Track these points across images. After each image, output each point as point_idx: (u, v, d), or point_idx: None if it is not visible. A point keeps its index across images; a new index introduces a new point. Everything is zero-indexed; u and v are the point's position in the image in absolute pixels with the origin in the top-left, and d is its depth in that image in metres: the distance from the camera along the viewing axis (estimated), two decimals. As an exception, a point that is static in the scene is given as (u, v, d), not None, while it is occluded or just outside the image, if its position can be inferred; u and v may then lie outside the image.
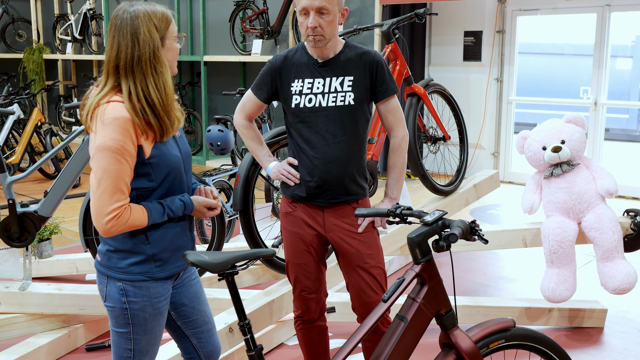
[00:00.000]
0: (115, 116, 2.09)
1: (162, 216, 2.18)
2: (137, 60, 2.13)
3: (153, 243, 2.20)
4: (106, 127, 2.08)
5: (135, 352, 2.24)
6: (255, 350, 2.13)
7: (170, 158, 2.21)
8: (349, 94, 2.71)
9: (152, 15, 2.16)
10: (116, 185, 2.08)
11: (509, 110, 8.65)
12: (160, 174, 2.19)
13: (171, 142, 2.26)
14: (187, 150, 2.36)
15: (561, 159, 3.97)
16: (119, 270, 2.20)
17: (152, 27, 2.15)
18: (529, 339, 2.33)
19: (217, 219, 3.83)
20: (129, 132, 2.09)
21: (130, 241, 2.19)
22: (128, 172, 2.11)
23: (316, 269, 2.88)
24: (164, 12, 2.21)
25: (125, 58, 2.13)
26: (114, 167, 2.07)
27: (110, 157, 2.07)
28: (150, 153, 2.15)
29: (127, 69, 2.14)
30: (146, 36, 2.13)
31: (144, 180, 2.18)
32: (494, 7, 8.46)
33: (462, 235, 2.04)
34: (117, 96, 2.14)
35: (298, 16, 2.68)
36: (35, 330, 3.78)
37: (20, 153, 7.87)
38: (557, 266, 3.91)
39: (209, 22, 9.98)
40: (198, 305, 2.42)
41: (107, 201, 2.08)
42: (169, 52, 2.22)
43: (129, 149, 2.09)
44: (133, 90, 2.13)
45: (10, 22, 12.21)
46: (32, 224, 3.72)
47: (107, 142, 2.07)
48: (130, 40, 2.13)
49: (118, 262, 2.20)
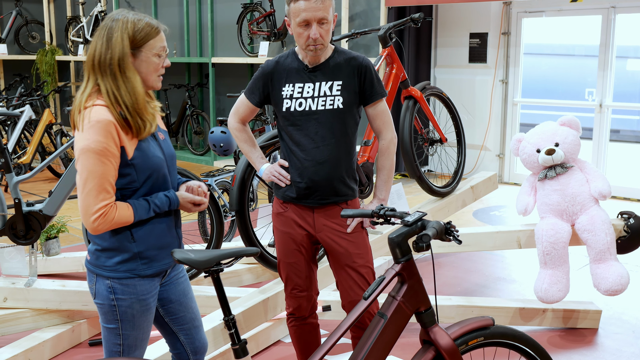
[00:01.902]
0: (98, 119, 2.18)
1: (148, 212, 2.26)
2: (109, 62, 2.23)
3: (138, 241, 2.29)
4: (89, 130, 2.17)
5: (124, 347, 2.33)
6: (239, 344, 2.22)
7: (152, 159, 2.29)
8: (338, 97, 2.79)
9: (132, 24, 2.25)
10: (101, 185, 2.17)
11: (514, 111, 8.69)
12: (143, 174, 2.27)
13: (153, 144, 2.34)
14: (170, 152, 2.44)
15: (555, 162, 4.03)
16: (107, 269, 2.29)
17: (126, 35, 2.24)
18: (508, 337, 2.40)
19: (215, 219, 3.92)
20: (112, 134, 2.18)
21: (117, 240, 2.28)
22: (112, 172, 2.20)
23: (307, 268, 2.97)
24: (149, 25, 2.28)
25: (99, 57, 2.25)
26: (98, 168, 2.17)
27: (94, 158, 2.16)
28: (133, 154, 2.24)
29: (101, 68, 2.25)
30: (117, 41, 2.23)
31: (127, 180, 2.27)
32: (500, 9, 8.50)
33: (435, 236, 2.11)
34: (100, 99, 2.24)
35: (295, 27, 2.72)
36: (40, 325, 3.89)
37: (31, 153, 8.03)
38: (550, 267, 3.97)
39: (217, 24, 10.10)
40: (186, 302, 2.50)
41: (93, 201, 2.17)
42: (144, 64, 2.29)
43: (112, 150, 2.19)
44: (109, 88, 2.23)
45: (23, 24, 12.40)
46: (38, 223, 3.84)
47: (90, 145, 2.17)
48: (105, 42, 2.24)
49: (106, 260, 2.29)
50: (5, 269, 3.97)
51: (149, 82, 2.34)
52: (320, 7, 2.65)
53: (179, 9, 10.71)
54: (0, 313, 3.81)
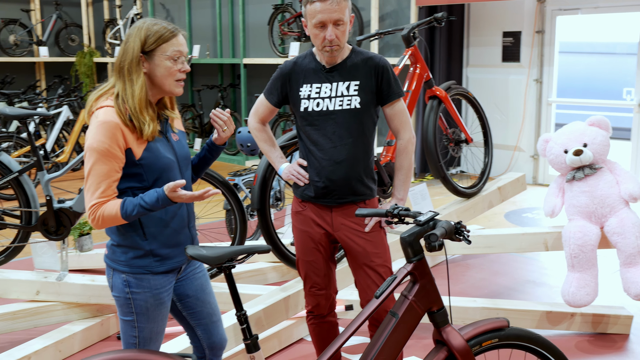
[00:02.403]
0: (104, 120, 2.24)
1: (136, 207, 2.25)
2: (122, 65, 2.31)
3: (150, 239, 2.34)
4: (95, 130, 2.24)
5: (140, 339, 2.39)
6: (251, 339, 2.26)
7: (162, 160, 2.34)
8: (355, 97, 2.80)
9: (147, 29, 2.30)
10: (98, 183, 2.24)
11: (549, 111, 8.57)
12: (152, 174, 2.32)
13: (165, 145, 2.38)
14: (184, 152, 2.47)
15: (583, 162, 3.96)
16: (122, 263, 2.36)
17: (138, 40, 2.29)
18: (523, 339, 2.38)
19: (239, 217, 3.97)
20: (116, 136, 2.23)
21: (129, 237, 2.34)
22: (112, 172, 2.25)
23: (325, 267, 2.99)
24: (164, 29, 2.31)
25: (118, 61, 2.34)
26: (98, 167, 2.23)
27: (96, 157, 2.23)
28: (141, 155, 2.29)
29: (119, 71, 2.33)
30: (130, 47, 2.30)
31: (136, 180, 2.32)
32: (533, 7, 8.39)
33: (444, 236, 2.11)
34: (109, 100, 2.31)
35: (312, 28, 2.74)
36: (70, 318, 3.99)
37: (68, 152, 8.22)
38: (578, 270, 3.90)
39: (249, 25, 10.19)
40: (203, 297, 2.55)
41: (89, 198, 2.26)
42: (157, 68, 2.32)
43: (114, 151, 2.24)
44: (120, 90, 2.30)
45: (63, 27, 12.70)
46: (68, 219, 3.95)
47: (93, 144, 2.23)
48: (123, 46, 2.33)
49: (121, 255, 2.36)
50: (38, 264, 4.08)
51: (165, 87, 2.36)
52: (336, 8, 2.67)
53: (212, 11, 10.84)
54: (33, 306, 3.92)
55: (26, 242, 3.98)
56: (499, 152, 8.81)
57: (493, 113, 8.87)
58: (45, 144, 7.91)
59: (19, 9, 12.33)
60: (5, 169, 3.84)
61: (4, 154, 3.88)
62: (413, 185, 4.38)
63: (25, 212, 3.91)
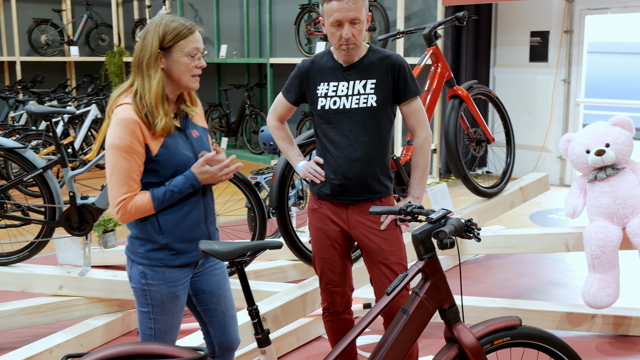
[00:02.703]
0: (123, 117, 2.30)
1: (166, 193, 2.33)
2: (141, 62, 2.36)
3: (166, 233, 2.38)
4: (115, 127, 2.30)
5: (156, 331, 2.44)
6: (262, 334, 2.29)
7: (178, 157, 2.38)
8: (372, 96, 2.81)
9: (165, 26, 2.34)
10: (123, 179, 2.29)
11: (577, 112, 8.46)
12: (168, 170, 2.36)
13: (183, 142, 2.42)
14: (203, 149, 2.49)
15: (605, 163, 3.92)
16: (139, 255, 2.41)
17: (156, 36, 2.33)
18: (536, 338, 2.37)
19: (259, 215, 4.00)
20: (135, 132, 2.29)
21: (146, 230, 2.39)
22: (135, 167, 2.30)
23: (341, 264, 3.00)
24: (182, 26, 2.35)
25: (136, 58, 2.38)
26: (121, 163, 2.29)
27: (117, 154, 2.29)
28: (158, 151, 2.34)
29: (137, 67, 2.37)
30: (148, 43, 2.34)
31: (153, 175, 2.37)
32: (562, 7, 8.30)
33: (453, 233, 2.11)
34: (127, 98, 2.36)
35: (328, 27, 2.76)
36: (92, 313, 4.06)
37: (96, 150, 8.36)
38: (599, 271, 3.86)
39: (276, 25, 10.24)
40: (218, 295, 2.57)
41: (116, 193, 2.30)
42: (175, 64, 2.36)
43: (135, 147, 2.29)
44: (139, 87, 2.35)
45: (94, 27, 12.90)
46: (91, 215, 4.01)
47: (115, 141, 2.29)
48: (141, 43, 2.37)
49: (138, 247, 2.42)
50: (61, 259, 4.16)
51: (183, 83, 2.40)
52: (352, 7, 2.68)
53: (239, 11, 10.92)
54: (56, 300, 3.99)
55: (50, 238, 4.05)
56: (525, 153, 8.72)
57: (520, 113, 8.79)
58: (73, 142, 8.05)
59: (50, 9, 12.56)
60: (30, 166, 3.92)
61: (29, 151, 3.96)
62: (434, 185, 4.37)
63: (49, 208, 3.99)
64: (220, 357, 2.64)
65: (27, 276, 4.00)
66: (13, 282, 3.99)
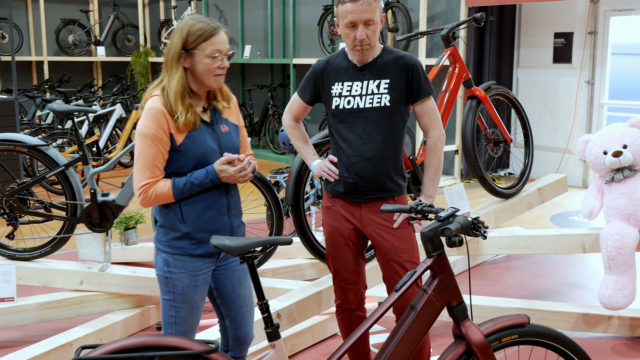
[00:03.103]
0: (150, 107, 2.44)
1: (186, 184, 2.44)
2: (167, 60, 2.50)
3: (188, 223, 2.49)
4: (143, 116, 2.44)
5: (177, 319, 2.53)
6: (271, 328, 2.33)
7: (202, 148, 2.47)
8: (385, 95, 2.84)
9: (189, 27, 2.45)
10: (146, 165, 2.42)
11: (600, 114, 8.39)
12: (191, 161, 2.47)
13: (209, 135, 2.52)
14: (230, 144, 2.58)
15: (622, 164, 3.90)
16: (163, 243, 2.53)
17: (180, 38, 2.46)
18: (544, 336, 2.38)
19: (275, 213, 4.05)
20: (161, 122, 2.42)
21: (169, 219, 2.51)
22: (159, 155, 2.43)
23: (354, 262, 3.04)
24: (204, 28, 2.45)
25: (165, 56, 2.53)
26: (146, 150, 2.42)
27: (143, 141, 2.43)
28: (182, 141, 2.45)
29: (164, 65, 2.52)
30: (172, 44, 2.47)
31: (176, 164, 2.48)
32: (586, 8, 8.23)
33: (459, 230, 2.13)
34: (157, 91, 2.50)
35: (343, 28, 2.81)
36: (112, 308, 4.14)
37: (120, 149, 8.48)
38: (615, 273, 3.85)
39: (299, 26, 10.31)
40: (238, 290, 2.65)
41: (139, 178, 2.44)
42: (197, 65, 2.47)
43: (160, 135, 2.42)
44: (165, 84, 2.49)
45: (120, 27, 13.10)
46: (111, 212, 4.10)
47: (142, 129, 2.43)
48: (169, 43, 2.49)
49: (163, 236, 2.53)
50: (82, 255, 4.24)
51: (205, 82, 2.51)
52: (366, 9, 2.72)
53: (264, 12, 11.00)
54: (77, 295, 4.08)
55: (71, 234, 4.14)
56: (548, 155, 8.67)
57: (543, 115, 8.74)
58: (98, 141, 8.18)
59: (78, 9, 12.78)
60: (52, 163, 4.02)
61: (52, 148, 4.05)
62: (451, 185, 4.38)
63: (70, 204, 4.08)
64: (233, 350, 2.70)
65: (49, 271, 4.09)
66: (35, 277, 4.08)
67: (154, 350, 2.15)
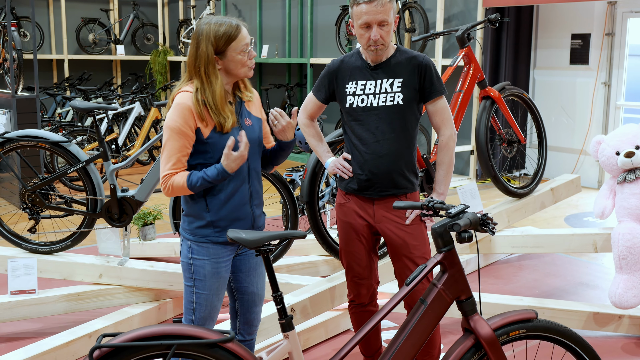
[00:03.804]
0: (179, 102, 2.55)
1: (199, 179, 2.53)
2: (198, 68, 2.58)
3: (212, 211, 2.61)
4: (172, 110, 2.55)
5: (197, 305, 2.64)
6: (285, 319, 2.40)
7: (227, 139, 2.55)
8: (398, 94, 2.91)
9: (214, 33, 2.54)
10: (170, 157, 2.55)
11: (617, 115, 8.37)
12: (218, 153, 2.57)
13: (235, 129, 2.62)
14: (253, 137, 2.68)
15: (634, 165, 3.93)
16: (188, 231, 2.65)
17: (210, 45, 2.55)
18: (551, 331, 2.42)
19: (290, 210, 4.12)
20: (187, 118, 2.53)
21: (195, 208, 2.63)
22: (183, 148, 2.54)
23: (367, 257, 3.10)
24: (230, 28, 2.55)
25: (193, 64, 2.60)
26: (171, 142, 2.55)
27: (169, 134, 2.55)
28: (209, 135, 2.56)
29: (194, 71, 2.60)
30: (203, 52, 2.56)
31: (203, 156, 2.59)
32: (604, 9, 8.22)
33: (468, 226, 2.19)
34: (189, 86, 2.59)
35: (357, 29, 2.89)
36: (130, 302, 4.24)
37: (138, 146, 8.59)
38: (626, 272, 3.88)
39: (317, 25, 10.38)
40: (252, 277, 2.77)
41: (163, 168, 2.57)
42: (231, 63, 2.59)
43: (185, 130, 2.53)
44: (198, 86, 2.57)
45: (140, 26, 13.26)
46: (130, 207, 4.19)
47: (169, 123, 2.55)
48: (194, 50, 2.59)
49: (188, 224, 2.65)
50: (102, 249, 4.34)
51: (240, 75, 2.63)
52: (380, 10, 2.78)
53: (282, 12, 11.09)
54: (96, 288, 4.18)
55: (91, 228, 4.24)
56: (565, 156, 8.67)
57: (560, 116, 8.74)
58: (117, 139, 8.31)
59: (98, 8, 12.96)
60: (74, 159, 4.12)
61: (74, 145, 4.16)
62: (464, 184, 4.43)
63: (91, 199, 4.18)
64: (241, 332, 2.82)
65: (70, 265, 4.19)
66: (56, 270, 4.19)
67: (172, 339, 2.22)
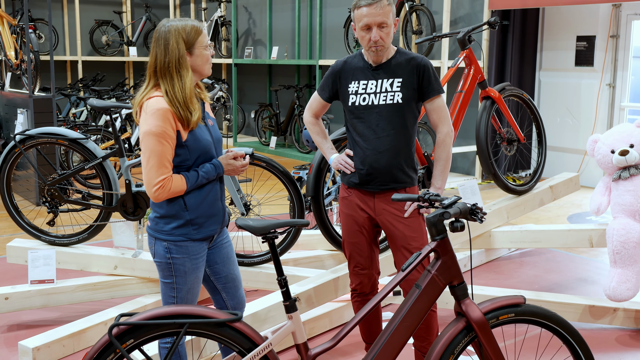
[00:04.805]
0: (158, 107, 2.61)
1: (197, 179, 2.69)
2: (167, 66, 2.66)
3: (190, 210, 2.72)
4: (151, 117, 2.60)
5: (178, 299, 2.79)
6: (289, 301, 2.57)
7: (203, 142, 2.73)
8: (398, 93, 3.08)
9: (182, 29, 2.68)
10: (160, 162, 2.61)
11: (621, 116, 8.49)
12: (194, 154, 2.71)
13: (204, 130, 2.77)
14: (217, 136, 2.87)
15: (629, 163, 4.07)
16: (164, 233, 2.74)
17: (181, 40, 2.67)
18: (538, 315, 2.58)
19: (297, 205, 4.29)
20: (169, 120, 2.61)
21: (173, 208, 2.72)
22: (169, 151, 2.63)
23: (368, 248, 3.27)
24: (194, 25, 2.71)
25: (160, 63, 2.68)
26: (158, 147, 2.60)
27: (154, 140, 2.60)
28: (186, 137, 2.68)
29: (161, 72, 2.67)
30: (174, 48, 2.66)
31: (180, 158, 2.69)
32: (609, 12, 8.35)
33: (458, 215, 2.36)
34: (157, 92, 2.67)
35: (359, 31, 3.06)
36: (143, 292, 4.42)
37: (151, 145, 8.80)
38: (620, 266, 4.02)
39: (326, 28, 10.56)
40: (228, 264, 2.94)
41: (155, 174, 2.62)
42: (198, 58, 2.72)
43: (169, 133, 2.61)
44: (168, 88, 2.65)
45: (152, 28, 13.46)
46: (144, 201, 4.38)
47: (151, 128, 2.60)
48: (163, 49, 2.67)
49: (164, 226, 2.74)
50: (117, 242, 4.54)
51: (204, 72, 2.76)
52: (380, 12, 2.96)
53: (291, 14, 11.27)
54: (111, 279, 4.37)
55: (107, 222, 4.43)
56: (569, 156, 8.80)
57: (565, 117, 8.87)
58: (130, 138, 8.53)
59: (111, 10, 13.19)
60: (91, 155, 4.32)
61: (91, 142, 4.35)
62: (464, 181, 4.58)
63: (107, 194, 4.37)
64: None
65: (86, 256, 4.38)
66: (73, 262, 4.38)
67: (184, 319, 2.40)
